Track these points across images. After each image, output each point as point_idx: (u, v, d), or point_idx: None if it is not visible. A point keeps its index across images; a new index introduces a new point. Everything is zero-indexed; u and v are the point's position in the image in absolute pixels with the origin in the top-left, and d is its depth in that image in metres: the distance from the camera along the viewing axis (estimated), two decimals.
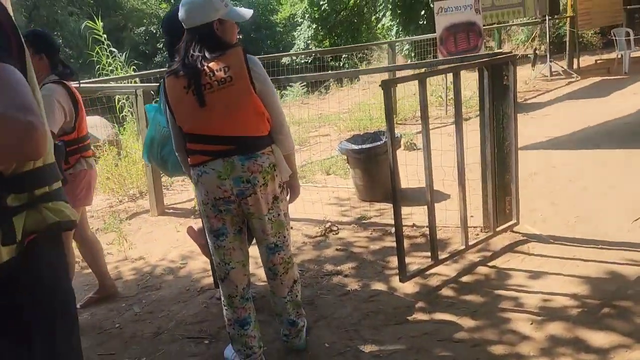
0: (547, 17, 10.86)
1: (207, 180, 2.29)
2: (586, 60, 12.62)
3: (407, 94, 9.32)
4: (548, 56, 11.20)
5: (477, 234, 3.66)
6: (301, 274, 3.46)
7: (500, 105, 3.41)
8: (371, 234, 4.03)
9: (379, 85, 2.80)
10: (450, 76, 4.46)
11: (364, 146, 4.65)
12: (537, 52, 12.05)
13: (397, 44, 13.00)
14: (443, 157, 3.79)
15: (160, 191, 5.01)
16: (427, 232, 3.80)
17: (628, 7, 12.84)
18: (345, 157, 4.96)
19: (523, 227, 3.68)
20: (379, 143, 4.64)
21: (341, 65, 17.09)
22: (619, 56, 11.09)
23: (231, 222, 2.38)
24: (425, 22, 16.79)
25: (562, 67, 11.45)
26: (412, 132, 7.08)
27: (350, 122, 8.21)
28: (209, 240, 2.46)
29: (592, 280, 2.94)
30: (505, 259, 3.31)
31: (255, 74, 2.26)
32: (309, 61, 17.90)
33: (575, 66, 11.86)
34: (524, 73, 10.67)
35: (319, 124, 8.68)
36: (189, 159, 2.37)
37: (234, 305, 2.46)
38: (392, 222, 4.14)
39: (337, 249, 3.81)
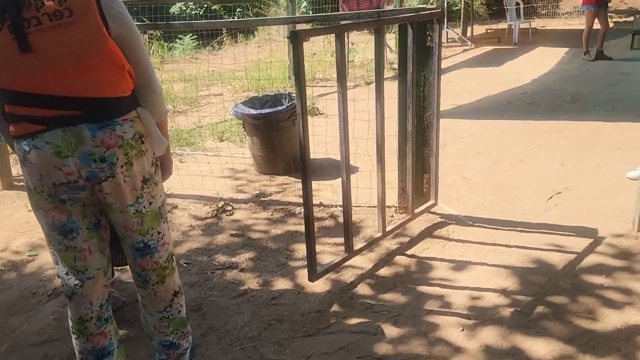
0: None
1: (40, 159, 1.59)
2: (477, 29, 12.83)
3: (306, 53, 8.74)
4: (446, 23, 11.15)
5: (392, 216, 3.25)
6: (186, 268, 2.83)
7: (421, 70, 2.96)
8: (272, 214, 3.47)
9: (287, 37, 2.19)
10: (354, 35, 3.91)
11: (263, 111, 4.03)
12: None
13: None
14: (350, 125, 3.32)
15: (6, 159, 4.03)
16: (336, 214, 3.35)
17: None
18: (242, 123, 4.31)
19: (440, 207, 3.33)
20: (281, 108, 4.04)
21: (236, 19, 15.99)
22: (510, 26, 11.35)
23: (82, 214, 1.72)
24: None
25: (457, 34, 11.50)
26: (314, 95, 6.55)
27: (247, 82, 7.47)
28: (49, 242, 1.76)
29: (519, 271, 2.64)
30: (424, 246, 2.93)
31: (109, 9, 1.58)
32: (200, 13, 16.59)
33: (468, 34, 12.00)
34: None
35: (210, 81, 7.83)
36: (10, 128, 1.63)
37: (88, 332, 1.80)
38: (296, 200, 3.65)
39: (231, 234, 3.21)
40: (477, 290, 2.51)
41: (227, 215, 3.49)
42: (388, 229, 2.87)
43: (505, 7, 11.19)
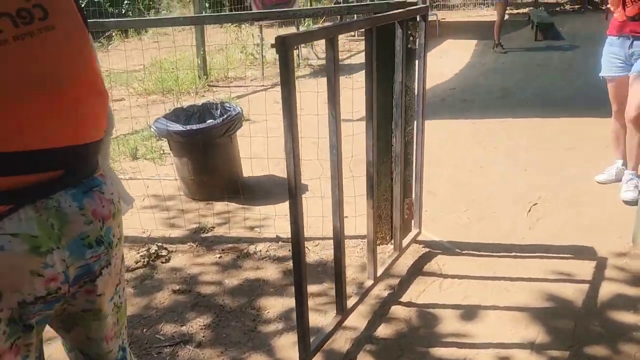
0: None
1: (4, 267, 0.95)
2: None
3: (213, 49, 7.95)
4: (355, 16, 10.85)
5: (381, 252, 2.73)
6: None
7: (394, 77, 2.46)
8: (220, 257, 2.81)
9: (272, 46, 1.57)
10: (270, 30, 3.37)
11: (193, 126, 3.31)
12: None
13: None
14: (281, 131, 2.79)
15: None
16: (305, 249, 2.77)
17: None
18: (166, 141, 3.57)
19: (421, 233, 2.88)
20: (214, 122, 3.36)
21: (123, 12, 14.54)
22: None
23: (35, 347, 1.09)
24: None
25: None
26: (231, 97, 5.86)
27: (151, 84, 6.58)
28: None
29: (538, 314, 2.24)
30: (419, 288, 2.45)
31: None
32: (83, 5, 14.87)
33: None
34: None
35: (106, 84, 6.82)
36: None
37: None
38: (246, 234, 3.01)
39: (174, 291, 2.52)
40: (502, 347, 2.06)
41: (162, 262, 2.78)
42: (379, 272, 2.35)
43: None
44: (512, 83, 6.45)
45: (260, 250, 2.83)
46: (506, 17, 11.19)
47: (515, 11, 14.42)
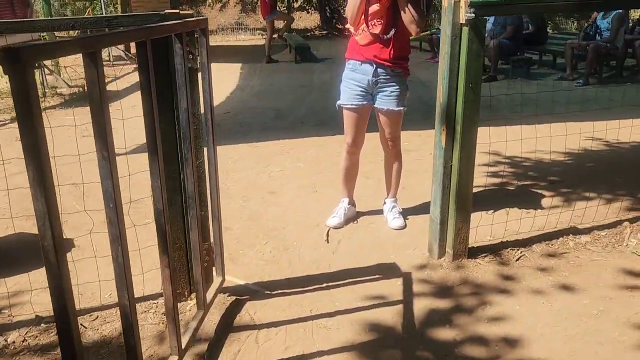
0: None
1: None
2: None
3: None
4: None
5: (181, 312, 2.25)
6: None
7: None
8: None
9: None
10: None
11: None
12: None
13: None
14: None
15: None
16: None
17: None
18: None
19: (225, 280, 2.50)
20: None
21: None
22: None
23: None
24: None
25: (122, 50, 10.39)
26: None
27: None
28: None
29: (364, 350, 2.06)
30: (233, 349, 2.06)
31: None
32: None
33: (133, 50, 11.04)
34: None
35: None
36: None
37: None
38: None
39: None
40: None
41: None
42: (184, 343, 1.89)
43: None
44: (283, 105, 6.52)
45: (14, 342, 2.10)
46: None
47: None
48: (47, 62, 7.79)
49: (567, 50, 7.77)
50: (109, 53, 10.37)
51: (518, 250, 2.79)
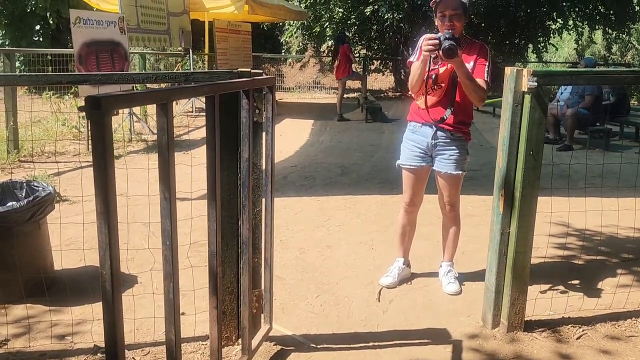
0: (190, 51, 10.34)
1: None
2: None
3: (27, 120, 7.00)
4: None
5: (226, 357, 2.30)
6: None
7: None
8: None
9: (79, 109, 1.18)
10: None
11: None
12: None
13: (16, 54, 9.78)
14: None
15: None
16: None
17: (253, 53, 13.78)
18: None
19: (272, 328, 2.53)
20: (16, 204, 2.72)
21: None
22: None
23: None
24: (41, 39, 14.28)
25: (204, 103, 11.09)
26: (47, 175, 5.08)
27: None
28: None
29: None
30: None
31: None
32: None
33: None
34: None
35: None
36: None
37: None
38: (52, 345, 2.34)
39: None
40: None
41: None
42: None
43: None
44: (349, 161, 6.64)
45: None
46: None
47: (345, 95, 15.55)
48: (137, 111, 8.47)
49: None
50: (192, 105, 11.09)
51: (580, 328, 2.63)
